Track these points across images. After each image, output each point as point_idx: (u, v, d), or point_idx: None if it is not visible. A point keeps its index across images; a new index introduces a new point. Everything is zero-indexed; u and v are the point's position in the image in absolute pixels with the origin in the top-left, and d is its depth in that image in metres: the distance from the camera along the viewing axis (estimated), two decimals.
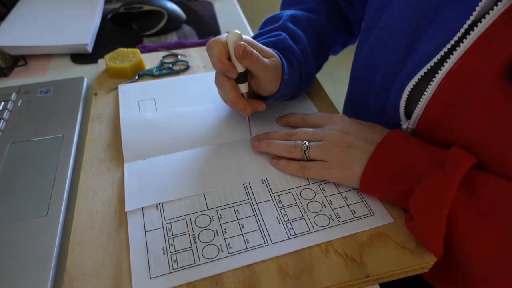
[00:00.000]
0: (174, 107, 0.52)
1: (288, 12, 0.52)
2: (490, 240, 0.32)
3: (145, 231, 0.37)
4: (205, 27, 0.79)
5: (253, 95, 0.47)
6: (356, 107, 0.54)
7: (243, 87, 0.43)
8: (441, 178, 0.33)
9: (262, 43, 0.45)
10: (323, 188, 0.41)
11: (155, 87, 0.57)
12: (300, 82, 0.48)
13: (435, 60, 0.36)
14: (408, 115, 0.40)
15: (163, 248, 0.35)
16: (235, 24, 0.80)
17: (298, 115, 0.48)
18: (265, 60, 0.41)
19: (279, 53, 0.45)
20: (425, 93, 0.37)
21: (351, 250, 0.35)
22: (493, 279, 0.32)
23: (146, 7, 0.76)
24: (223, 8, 0.87)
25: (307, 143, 0.42)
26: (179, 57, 0.64)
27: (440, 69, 0.35)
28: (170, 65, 0.62)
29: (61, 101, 0.55)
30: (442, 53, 0.35)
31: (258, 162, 0.44)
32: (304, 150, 0.41)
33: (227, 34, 0.41)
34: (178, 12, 0.78)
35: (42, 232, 0.37)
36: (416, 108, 0.38)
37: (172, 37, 0.76)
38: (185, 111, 0.51)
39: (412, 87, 0.38)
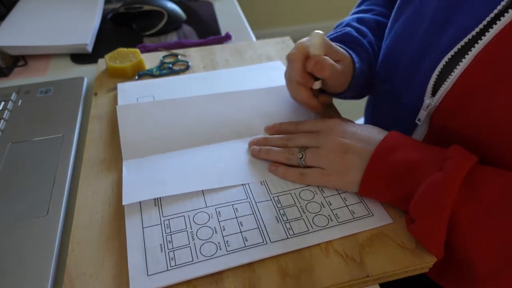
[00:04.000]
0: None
1: (356, 15, 0.55)
2: (493, 239, 0.32)
3: (143, 228, 0.37)
4: (205, 27, 0.79)
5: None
6: (381, 89, 0.53)
7: (317, 84, 0.45)
8: (441, 181, 0.33)
9: (329, 38, 0.47)
10: (322, 189, 0.41)
11: (154, 85, 0.57)
12: (370, 76, 0.49)
13: (477, 30, 0.35)
14: (434, 92, 0.40)
15: (161, 245, 0.35)
16: (235, 24, 0.80)
17: (290, 123, 0.48)
18: (338, 67, 0.44)
19: (349, 50, 0.47)
20: (458, 66, 0.36)
21: (351, 250, 0.35)
22: (497, 278, 0.32)
23: (146, 7, 0.76)
24: (223, 8, 0.87)
25: (303, 150, 0.42)
26: (179, 57, 0.64)
27: (477, 42, 0.34)
28: (170, 65, 0.62)
29: (61, 101, 0.55)
30: (485, 22, 0.34)
31: (258, 163, 0.44)
32: (300, 158, 0.41)
33: (308, 38, 0.43)
34: (178, 12, 0.79)
35: (42, 232, 0.38)
36: (446, 82, 0.37)
37: (172, 37, 0.76)
38: (184, 101, 0.52)
39: (447, 60, 0.37)
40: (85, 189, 0.41)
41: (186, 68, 0.62)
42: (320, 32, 0.42)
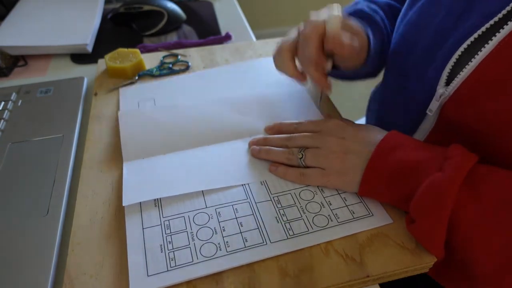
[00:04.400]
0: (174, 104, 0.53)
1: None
2: (493, 239, 0.32)
3: (143, 228, 0.37)
4: (205, 27, 0.79)
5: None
6: (394, 77, 0.52)
7: (329, 64, 0.43)
8: (441, 181, 0.33)
9: None
10: (322, 189, 0.41)
11: (155, 87, 0.57)
12: (382, 54, 0.49)
13: (500, 15, 0.34)
14: (448, 82, 0.39)
15: (161, 245, 0.35)
16: (235, 24, 0.80)
17: (290, 123, 0.47)
18: (356, 43, 0.42)
19: (364, 25, 0.46)
20: (478, 53, 0.35)
21: (351, 250, 0.35)
22: (497, 278, 0.32)
23: (146, 7, 0.76)
24: (223, 8, 0.87)
25: (303, 150, 0.41)
26: (179, 57, 0.64)
27: (503, 28, 0.33)
28: (170, 65, 0.62)
29: (61, 101, 0.55)
30: (505, 11, 0.33)
31: (258, 163, 0.44)
32: (300, 158, 0.41)
33: (326, 15, 0.41)
34: (178, 12, 0.79)
35: (42, 232, 0.38)
36: (463, 70, 0.36)
37: (172, 37, 0.76)
38: (184, 106, 0.52)
39: (466, 46, 0.36)
40: (85, 189, 0.41)
41: (186, 68, 0.62)
42: (338, 5, 0.40)
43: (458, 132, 0.39)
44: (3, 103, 0.54)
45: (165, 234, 0.36)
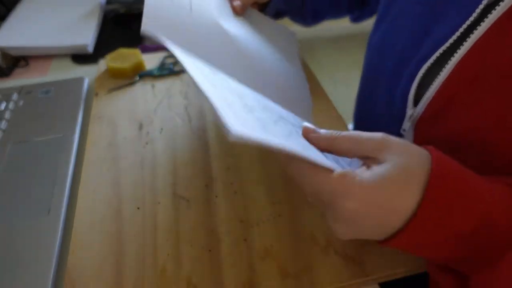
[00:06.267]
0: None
1: None
2: None
3: None
4: None
5: None
6: (365, 101, 0.53)
7: None
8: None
9: None
10: None
11: None
12: None
13: (451, 41, 0.35)
14: (416, 103, 0.40)
15: None
16: None
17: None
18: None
19: None
20: (439, 74, 0.36)
21: (351, 250, 0.35)
22: None
23: None
24: None
25: None
26: None
27: (457, 52, 0.34)
28: (171, 66, 0.62)
29: (62, 101, 0.55)
30: (458, 33, 0.34)
31: None
32: None
33: None
34: None
35: (43, 232, 0.38)
36: (428, 91, 0.37)
37: None
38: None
39: (426, 69, 0.38)
40: (86, 189, 0.41)
41: None
42: None
43: (438, 145, 0.39)
44: (4, 103, 0.54)
45: None
